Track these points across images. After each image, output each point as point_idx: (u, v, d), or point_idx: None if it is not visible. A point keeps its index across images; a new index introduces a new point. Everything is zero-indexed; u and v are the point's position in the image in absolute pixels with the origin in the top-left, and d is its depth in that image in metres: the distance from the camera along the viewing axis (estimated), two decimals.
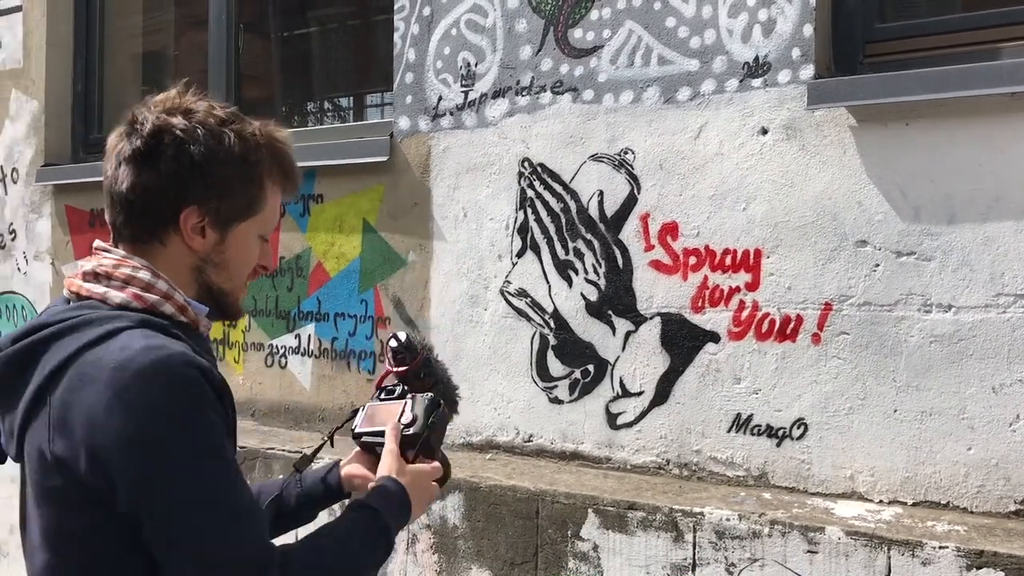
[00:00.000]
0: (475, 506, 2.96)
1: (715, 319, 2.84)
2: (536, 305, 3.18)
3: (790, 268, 2.72)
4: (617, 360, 3.01)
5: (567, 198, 3.12)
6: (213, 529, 1.23)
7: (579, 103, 3.09)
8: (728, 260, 2.81)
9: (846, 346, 2.64)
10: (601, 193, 3.05)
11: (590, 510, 2.76)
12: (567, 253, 3.12)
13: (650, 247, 2.95)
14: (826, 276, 2.66)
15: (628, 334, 2.99)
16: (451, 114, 3.38)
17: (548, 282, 3.16)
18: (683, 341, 2.89)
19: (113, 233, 1.41)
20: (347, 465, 1.69)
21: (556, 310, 3.14)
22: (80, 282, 1.37)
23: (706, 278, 2.85)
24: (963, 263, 2.48)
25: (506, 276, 3.25)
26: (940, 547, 2.27)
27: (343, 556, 1.38)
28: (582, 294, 3.09)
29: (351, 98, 5.09)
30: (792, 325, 2.71)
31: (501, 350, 3.25)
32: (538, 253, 3.18)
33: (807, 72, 2.69)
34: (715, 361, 2.83)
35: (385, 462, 1.53)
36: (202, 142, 1.35)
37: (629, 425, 2.99)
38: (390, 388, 1.67)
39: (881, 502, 2.58)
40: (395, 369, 1.65)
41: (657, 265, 2.94)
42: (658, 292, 2.94)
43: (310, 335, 3.78)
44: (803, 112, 2.69)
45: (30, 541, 1.34)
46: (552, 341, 3.14)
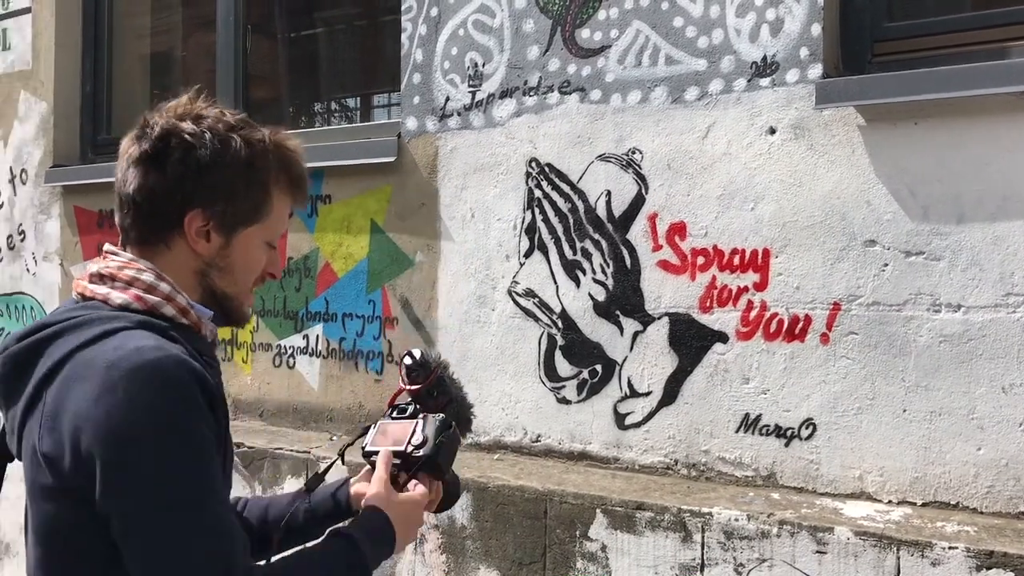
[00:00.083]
0: (483, 506, 2.96)
1: (723, 319, 2.84)
2: (544, 305, 3.18)
3: (799, 268, 2.71)
4: (625, 360, 3.01)
5: (575, 198, 3.12)
6: (174, 537, 1.21)
7: (587, 103, 3.09)
8: (736, 260, 2.81)
9: (855, 346, 2.63)
10: (609, 193, 3.05)
11: (598, 510, 2.76)
12: (575, 253, 3.12)
13: (658, 247, 2.95)
14: (835, 276, 2.66)
15: (636, 334, 2.99)
16: (458, 114, 3.38)
17: (556, 282, 3.16)
18: (691, 341, 2.89)
19: (121, 235, 1.43)
20: (357, 483, 1.68)
21: (564, 310, 3.14)
22: (86, 283, 1.39)
23: (714, 278, 2.85)
24: (972, 263, 2.48)
25: (514, 276, 3.25)
26: (950, 547, 2.27)
27: None
28: (590, 294, 3.09)
29: (358, 99, 5.10)
30: (801, 325, 2.71)
31: (509, 350, 3.25)
32: (546, 253, 3.18)
33: (815, 71, 2.68)
34: (723, 361, 2.83)
35: (373, 490, 1.51)
36: (209, 146, 1.37)
37: (637, 425, 2.99)
38: (402, 407, 1.65)
39: (890, 502, 2.57)
40: (408, 387, 1.64)
41: (665, 265, 2.94)
42: (666, 292, 2.93)
43: (318, 335, 3.78)
44: (811, 112, 2.68)
45: (28, 538, 1.36)
46: (560, 341, 3.14)
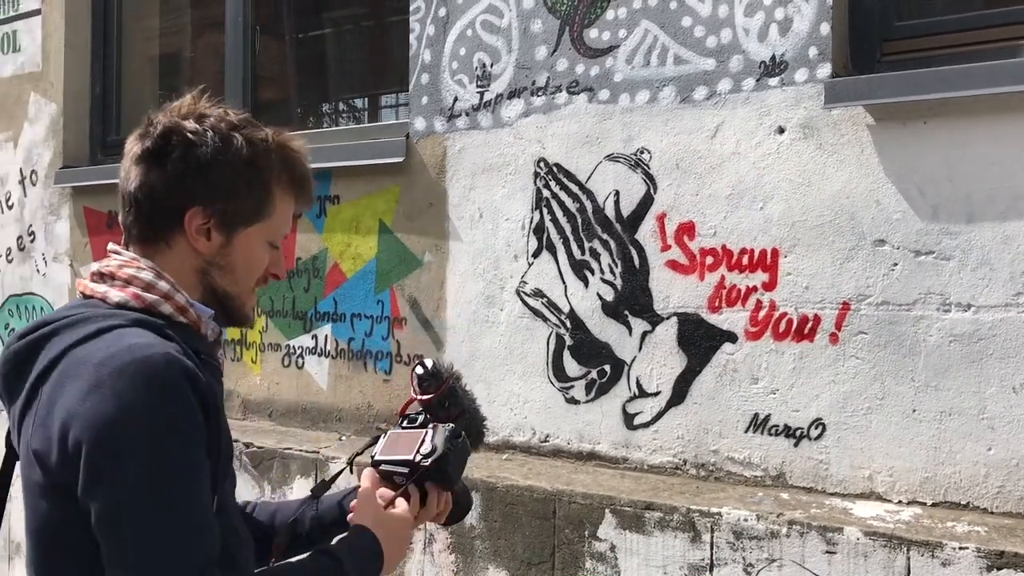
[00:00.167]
0: (492, 506, 2.96)
1: (732, 319, 2.83)
2: (552, 305, 3.18)
3: (808, 267, 2.71)
4: (634, 360, 3.01)
5: (583, 198, 3.12)
6: (148, 533, 1.20)
7: (595, 103, 3.09)
8: (745, 260, 2.80)
9: (864, 346, 2.62)
10: (617, 193, 3.05)
11: (607, 510, 2.76)
12: (583, 253, 3.12)
13: (667, 247, 2.95)
14: (844, 275, 2.65)
15: (645, 334, 2.98)
16: (467, 115, 3.39)
17: (564, 282, 3.16)
18: (700, 341, 2.89)
19: (124, 234, 1.43)
20: None
21: (572, 310, 3.14)
22: (87, 282, 1.40)
23: (723, 278, 2.85)
24: (982, 262, 2.47)
25: (522, 276, 3.25)
26: (960, 548, 2.26)
27: None
28: (598, 294, 3.08)
29: (366, 99, 5.11)
30: (810, 325, 2.70)
31: (517, 350, 3.25)
32: (554, 253, 3.18)
33: (824, 71, 2.68)
34: (732, 361, 2.83)
35: (361, 509, 1.50)
36: (210, 144, 1.37)
37: (646, 425, 2.98)
38: (413, 416, 1.64)
39: (900, 502, 2.57)
40: (419, 397, 1.63)
41: (674, 265, 2.94)
42: (675, 292, 2.93)
43: (327, 335, 3.79)
44: (820, 111, 2.68)
45: (25, 536, 1.36)
46: (568, 341, 3.14)
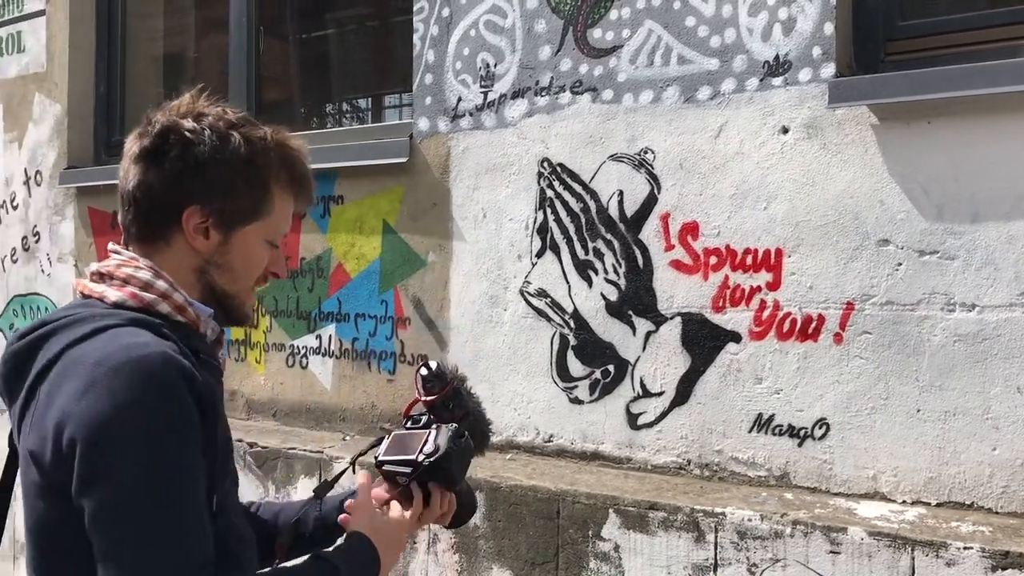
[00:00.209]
0: (496, 506, 2.96)
1: (736, 319, 2.83)
2: (556, 305, 3.18)
3: (811, 267, 2.71)
4: (637, 360, 3.01)
5: (587, 198, 3.12)
6: (142, 536, 1.19)
7: (599, 103, 3.09)
8: (749, 260, 2.80)
9: (868, 346, 2.62)
10: (621, 193, 3.05)
11: (611, 510, 2.76)
12: (587, 253, 3.12)
13: (670, 247, 2.95)
14: (848, 275, 2.65)
15: (648, 334, 2.98)
16: (470, 115, 3.39)
17: (568, 282, 3.16)
18: (704, 341, 2.88)
19: (124, 233, 1.43)
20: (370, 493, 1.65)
21: (576, 310, 3.14)
22: (86, 282, 1.39)
23: (727, 278, 2.84)
24: (987, 262, 2.46)
25: (526, 276, 3.25)
26: (965, 548, 2.26)
27: None
28: (602, 294, 3.08)
29: (370, 99, 5.11)
30: (814, 325, 2.70)
31: (521, 350, 3.26)
32: (558, 253, 3.18)
33: (828, 70, 2.67)
34: (736, 361, 2.83)
35: (356, 516, 1.49)
36: (208, 143, 1.37)
37: (650, 425, 2.98)
38: (416, 417, 1.64)
39: (904, 502, 2.56)
40: (424, 398, 1.63)
41: (677, 265, 2.94)
42: (678, 292, 2.93)
43: (331, 335, 3.79)
44: (824, 111, 2.67)
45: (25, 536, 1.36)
46: (572, 341, 3.14)
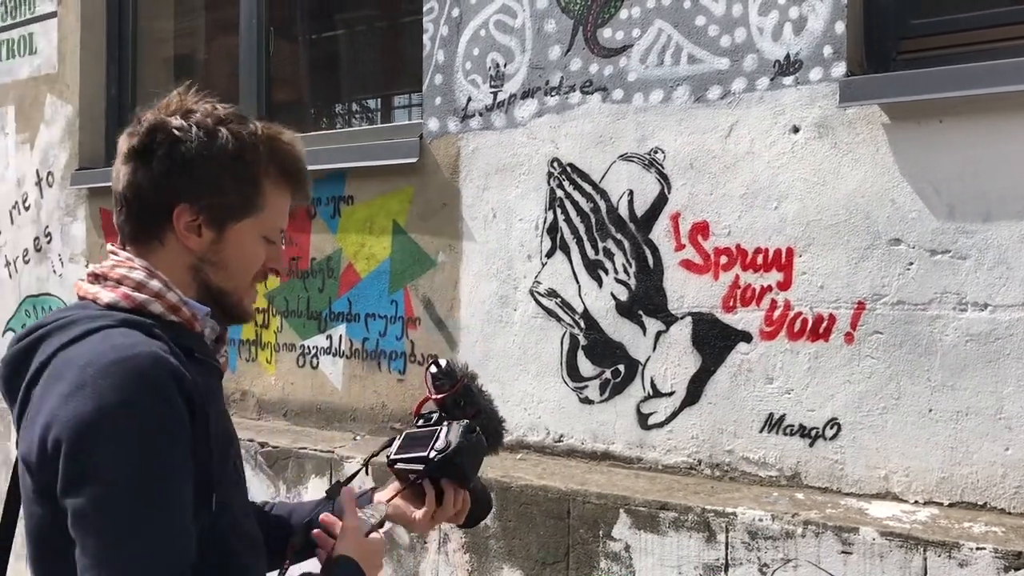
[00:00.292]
0: (506, 506, 2.96)
1: (747, 319, 2.83)
2: (566, 305, 3.18)
3: (823, 267, 2.70)
4: (648, 360, 3.01)
5: (597, 198, 3.12)
6: (124, 536, 1.17)
7: (608, 103, 3.09)
8: (760, 259, 2.80)
9: (880, 345, 2.61)
10: (631, 193, 3.04)
11: (621, 510, 2.76)
12: (597, 253, 3.12)
13: (681, 246, 2.95)
14: (859, 275, 2.64)
15: (659, 334, 2.98)
16: (480, 115, 3.39)
17: (578, 282, 3.16)
18: (714, 341, 2.88)
19: (119, 234, 1.43)
20: (381, 492, 1.65)
21: (586, 310, 3.14)
22: (82, 283, 1.39)
23: (737, 277, 2.84)
24: (999, 261, 2.45)
25: (536, 276, 3.25)
26: (977, 548, 2.25)
27: None
28: (612, 294, 3.08)
29: (379, 100, 5.12)
30: (825, 324, 2.69)
31: (531, 350, 3.26)
32: (568, 253, 3.18)
33: (839, 70, 2.67)
34: (747, 361, 2.82)
35: (346, 539, 1.46)
36: (195, 140, 1.35)
37: (660, 425, 2.98)
38: (427, 415, 1.63)
39: (916, 503, 2.56)
40: (434, 396, 1.62)
41: (688, 264, 2.93)
42: (689, 292, 2.93)
43: (341, 335, 3.80)
44: (835, 110, 2.67)
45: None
46: (582, 341, 3.14)
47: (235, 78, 4.38)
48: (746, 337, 2.82)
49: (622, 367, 3.06)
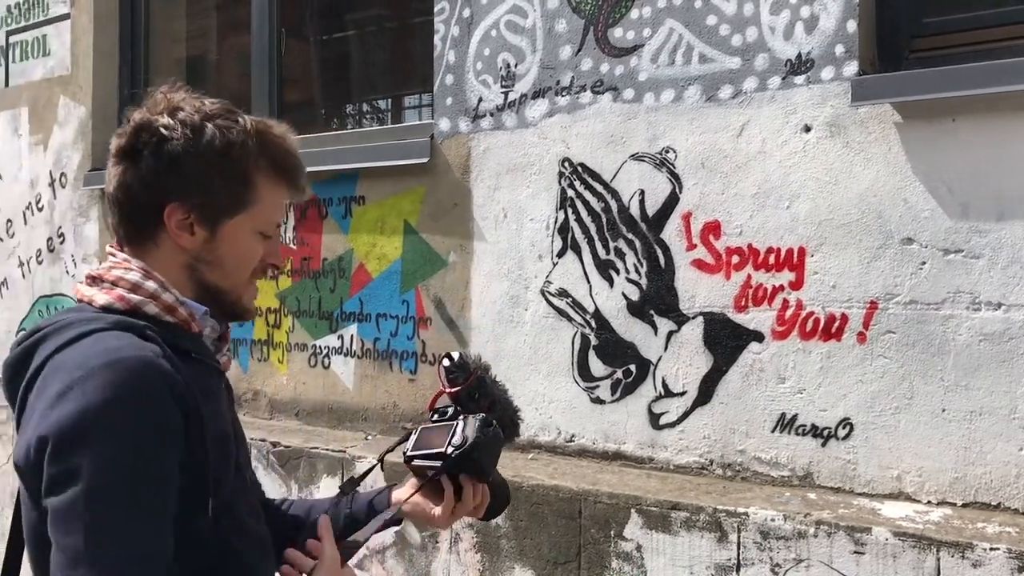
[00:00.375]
0: (518, 506, 2.96)
1: (759, 318, 2.82)
2: (577, 305, 3.18)
3: (835, 266, 2.69)
4: (659, 360, 3.00)
5: (608, 198, 3.12)
6: (92, 538, 1.15)
7: (620, 102, 3.09)
8: (772, 259, 2.79)
9: (892, 345, 2.61)
10: (642, 192, 3.04)
11: (633, 510, 2.76)
12: (608, 253, 3.12)
13: (692, 246, 2.94)
14: (871, 274, 2.64)
15: (670, 334, 2.98)
16: (491, 115, 3.39)
17: (589, 282, 3.16)
18: (726, 341, 2.88)
19: (115, 236, 1.42)
20: (399, 490, 1.64)
21: (597, 310, 3.14)
22: (79, 286, 1.38)
23: (749, 277, 2.83)
24: (1013, 260, 2.44)
25: (547, 276, 3.25)
26: (991, 549, 2.24)
27: None
28: (623, 294, 3.08)
29: (390, 100, 5.13)
30: (837, 324, 2.69)
31: (542, 350, 3.26)
32: (579, 253, 3.18)
33: (851, 69, 2.66)
34: (759, 361, 2.82)
35: (319, 570, 1.40)
36: (181, 137, 1.34)
37: (672, 425, 2.98)
38: (443, 410, 1.61)
39: (929, 503, 2.55)
40: (448, 389, 1.60)
41: (699, 264, 2.93)
42: (700, 291, 2.92)
43: (353, 335, 3.81)
44: (847, 109, 2.66)
45: None
46: (593, 341, 3.14)
47: (247, 78, 4.40)
48: (758, 337, 2.82)
49: (633, 367, 3.06)
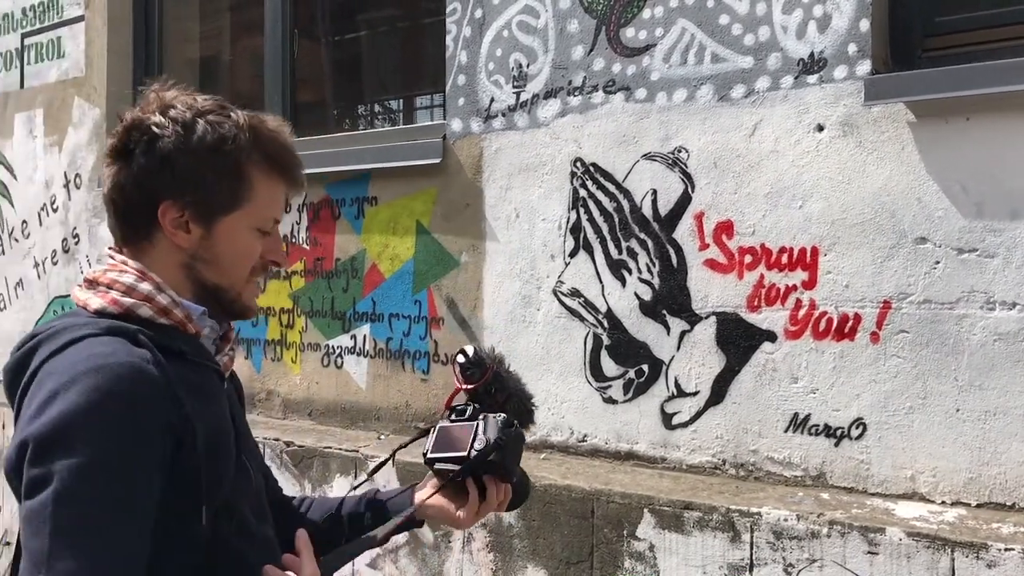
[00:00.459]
0: (530, 505, 2.97)
1: (771, 318, 2.82)
2: (589, 305, 3.18)
3: (848, 266, 2.69)
4: (672, 360, 3.00)
5: (620, 197, 3.12)
6: (55, 545, 1.12)
7: (632, 102, 3.09)
8: (784, 258, 2.79)
9: (906, 345, 2.60)
10: (654, 192, 3.04)
11: (646, 510, 2.76)
12: (620, 253, 3.12)
13: (705, 246, 2.94)
14: (885, 274, 2.63)
15: (683, 333, 2.98)
16: (503, 115, 3.40)
17: (601, 282, 3.16)
18: (739, 340, 2.87)
19: (113, 237, 1.41)
20: (421, 491, 1.62)
21: (610, 310, 3.14)
22: (76, 289, 1.37)
23: (762, 277, 2.83)
24: None
25: (559, 276, 3.25)
26: (1006, 549, 2.23)
27: None
28: (636, 294, 3.08)
29: (402, 101, 5.14)
30: (850, 324, 2.68)
31: (554, 350, 3.26)
32: (591, 253, 3.18)
33: (864, 68, 2.65)
34: (772, 360, 2.81)
35: None
36: (172, 135, 1.32)
37: (684, 425, 2.98)
38: (460, 408, 1.59)
39: (943, 503, 2.54)
40: (464, 386, 1.59)
41: (712, 264, 2.93)
42: (713, 291, 2.92)
43: (365, 335, 3.82)
44: (860, 108, 2.65)
45: None
46: (606, 341, 3.14)
47: (260, 79, 4.42)
48: (771, 336, 2.82)
49: (646, 367, 3.06)
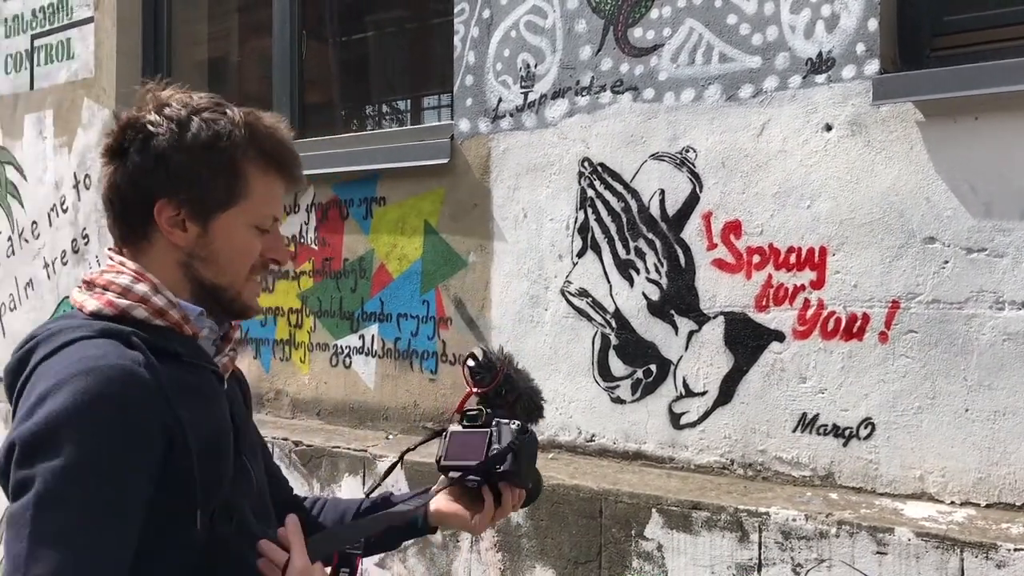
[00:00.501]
0: (538, 505, 2.97)
1: (780, 318, 2.81)
2: (597, 305, 3.19)
3: (856, 266, 2.68)
4: (680, 360, 3.00)
5: (628, 197, 3.12)
6: (35, 549, 1.11)
7: (640, 102, 3.09)
8: (792, 258, 2.79)
9: (914, 344, 2.59)
10: (662, 192, 3.04)
11: (654, 510, 2.76)
12: (628, 252, 3.12)
13: (713, 246, 2.94)
14: (893, 274, 2.62)
15: (691, 333, 2.98)
16: (511, 115, 3.40)
17: (609, 282, 3.16)
18: (747, 340, 2.87)
19: (112, 238, 1.41)
20: (436, 497, 1.60)
21: (617, 310, 3.14)
22: (74, 291, 1.37)
23: (770, 276, 2.83)
24: None
25: (567, 276, 3.26)
26: (1015, 549, 2.22)
27: None
28: (644, 293, 3.08)
29: (410, 101, 5.15)
30: (859, 324, 2.68)
31: (562, 350, 3.26)
32: (599, 253, 3.18)
33: (872, 67, 2.65)
34: (780, 360, 2.81)
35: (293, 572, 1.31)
36: (166, 133, 1.32)
37: (692, 425, 2.98)
38: (472, 414, 1.58)
39: (952, 503, 2.53)
40: (475, 390, 1.58)
41: (720, 264, 2.92)
42: (721, 291, 2.92)
43: (373, 335, 3.83)
44: (868, 108, 2.65)
45: None
46: (614, 341, 3.15)
47: (268, 80, 4.43)
48: (779, 336, 2.81)
49: (654, 367, 3.06)
